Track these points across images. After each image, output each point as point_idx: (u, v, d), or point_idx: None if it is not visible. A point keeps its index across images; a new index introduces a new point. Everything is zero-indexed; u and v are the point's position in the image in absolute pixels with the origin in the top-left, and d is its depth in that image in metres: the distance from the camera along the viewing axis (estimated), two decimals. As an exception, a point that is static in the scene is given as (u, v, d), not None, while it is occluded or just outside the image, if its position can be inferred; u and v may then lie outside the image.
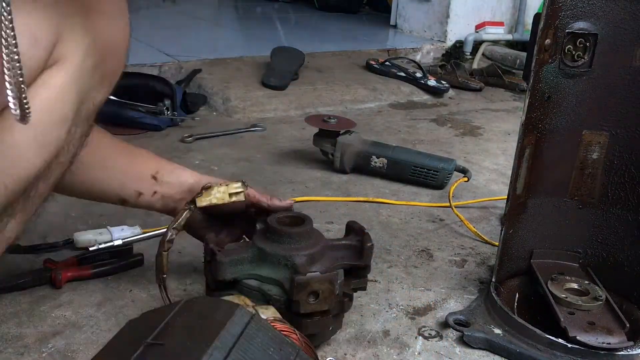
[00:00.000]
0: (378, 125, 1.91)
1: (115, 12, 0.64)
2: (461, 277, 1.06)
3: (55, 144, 0.60)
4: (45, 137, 0.58)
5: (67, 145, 0.63)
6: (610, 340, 0.83)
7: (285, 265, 0.78)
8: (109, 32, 0.63)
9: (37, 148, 0.58)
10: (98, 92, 0.64)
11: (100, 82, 0.64)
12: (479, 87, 2.42)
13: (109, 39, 0.63)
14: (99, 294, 0.93)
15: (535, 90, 0.90)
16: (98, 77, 0.63)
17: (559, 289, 0.92)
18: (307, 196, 1.33)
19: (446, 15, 2.86)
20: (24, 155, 0.57)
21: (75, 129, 0.63)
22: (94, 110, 0.66)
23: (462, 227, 1.23)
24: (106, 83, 0.65)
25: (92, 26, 0.60)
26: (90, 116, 0.66)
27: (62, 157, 0.64)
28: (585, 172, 0.97)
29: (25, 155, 0.58)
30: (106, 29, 0.62)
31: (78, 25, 0.58)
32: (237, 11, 3.64)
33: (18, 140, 0.56)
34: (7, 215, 0.60)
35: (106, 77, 0.65)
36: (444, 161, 1.44)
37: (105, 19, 0.62)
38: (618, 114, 0.93)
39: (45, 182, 0.63)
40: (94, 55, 0.61)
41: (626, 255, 0.96)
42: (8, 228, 0.61)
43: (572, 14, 0.89)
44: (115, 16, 0.64)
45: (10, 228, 0.62)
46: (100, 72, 0.63)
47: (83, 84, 0.61)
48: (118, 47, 0.65)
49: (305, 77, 2.20)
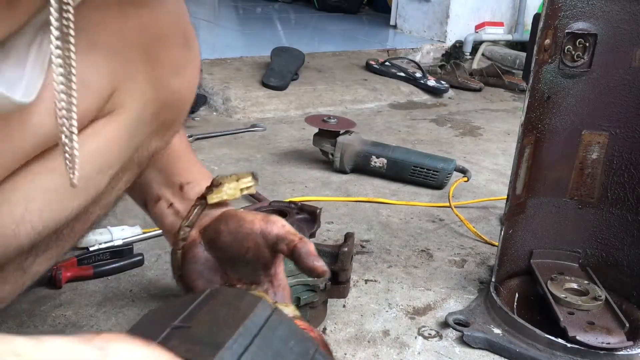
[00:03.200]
0: (378, 125, 1.91)
1: (183, 64, 0.60)
2: (461, 277, 1.06)
3: (94, 190, 0.57)
4: (85, 183, 0.54)
5: (110, 190, 0.60)
6: (609, 340, 0.83)
7: None
8: (173, 83, 0.59)
9: (72, 193, 0.54)
10: (155, 140, 0.62)
11: (158, 131, 0.61)
12: (479, 87, 2.42)
13: (173, 89, 0.59)
14: (99, 294, 0.93)
15: (535, 90, 0.90)
16: (156, 125, 0.60)
17: (559, 289, 0.92)
18: (307, 196, 1.33)
19: (446, 15, 2.86)
20: (57, 199, 0.55)
21: (122, 174, 0.60)
22: (147, 157, 0.63)
23: (462, 227, 1.23)
24: (164, 131, 0.62)
25: (155, 76, 0.57)
26: (143, 162, 0.63)
27: (104, 200, 0.61)
28: (584, 172, 0.97)
29: (59, 200, 0.55)
30: (171, 81, 0.58)
31: (141, 74, 0.55)
32: (237, 11, 3.64)
33: (55, 184, 0.54)
34: (37, 252, 0.58)
35: (165, 126, 0.61)
36: (444, 161, 1.44)
37: (172, 69, 0.58)
38: (618, 114, 0.93)
39: (82, 223, 0.60)
40: (155, 105, 0.58)
41: (626, 255, 0.96)
42: (37, 263, 0.59)
43: (571, 14, 0.89)
44: (184, 66, 0.60)
45: (39, 263, 0.59)
46: (159, 121, 0.60)
47: (138, 134, 0.58)
48: (181, 99, 0.61)
49: (305, 77, 2.20)
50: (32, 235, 0.55)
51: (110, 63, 0.52)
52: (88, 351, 0.36)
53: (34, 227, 0.54)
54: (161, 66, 0.57)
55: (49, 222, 0.55)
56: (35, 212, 0.54)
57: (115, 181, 0.60)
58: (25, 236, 0.54)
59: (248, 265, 0.68)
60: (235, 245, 0.67)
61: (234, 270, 0.69)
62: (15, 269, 0.57)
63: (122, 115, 0.55)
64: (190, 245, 0.70)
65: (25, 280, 0.60)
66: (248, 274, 0.69)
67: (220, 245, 0.68)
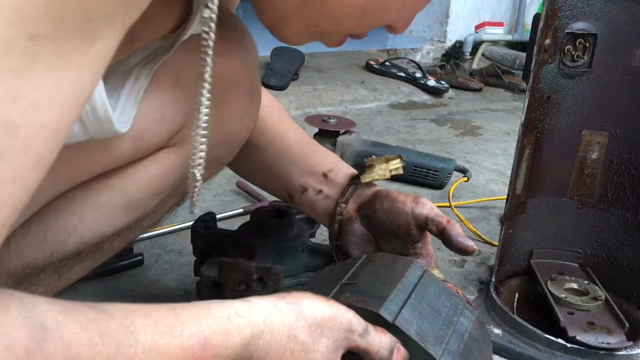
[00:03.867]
0: (378, 125, 1.91)
1: (243, 111, 0.65)
2: (461, 277, 1.06)
3: (143, 211, 0.62)
4: (134, 205, 0.60)
5: (154, 213, 0.65)
6: (609, 340, 0.83)
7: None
8: (232, 125, 0.65)
9: (123, 212, 0.60)
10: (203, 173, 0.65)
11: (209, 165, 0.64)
12: (479, 87, 2.42)
13: (229, 132, 0.65)
14: (99, 294, 0.93)
15: (535, 91, 0.90)
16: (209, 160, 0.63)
17: (559, 289, 0.92)
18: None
19: (446, 15, 2.86)
20: (109, 215, 0.59)
21: (168, 200, 0.65)
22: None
23: (462, 227, 1.23)
24: (213, 167, 0.67)
25: (219, 119, 0.61)
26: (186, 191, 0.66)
27: (145, 223, 0.65)
28: (584, 172, 0.97)
29: (110, 216, 0.59)
30: (231, 124, 0.64)
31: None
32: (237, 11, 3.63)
33: (110, 201, 0.58)
34: (75, 260, 0.61)
35: (215, 162, 0.66)
36: (444, 161, 1.44)
37: (234, 115, 0.64)
38: (618, 114, 0.93)
39: (121, 240, 0.65)
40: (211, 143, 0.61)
41: (626, 255, 0.96)
42: (72, 271, 0.63)
43: (571, 15, 0.89)
44: (244, 116, 0.66)
45: (74, 271, 0.63)
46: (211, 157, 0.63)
47: None
48: (235, 141, 0.67)
49: (305, 77, 2.20)
50: (79, 245, 0.59)
51: (186, 101, 0.56)
52: (286, 307, 0.49)
53: (83, 238, 0.58)
54: (226, 111, 0.63)
55: (97, 235, 0.59)
56: (87, 224, 0.58)
57: (160, 206, 0.65)
58: (72, 244, 0.58)
59: (398, 239, 0.77)
60: (388, 222, 0.76)
61: (385, 243, 0.78)
62: (52, 273, 0.60)
63: (184, 148, 0.59)
64: (347, 220, 0.78)
65: (59, 285, 0.63)
66: (398, 246, 0.77)
67: (374, 221, 0.77)
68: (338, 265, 0.73)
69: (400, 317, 0.56)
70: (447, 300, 0.63)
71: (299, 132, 0.86)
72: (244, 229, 0.86)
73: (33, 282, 0.59)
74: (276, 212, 0.88)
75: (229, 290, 0.78)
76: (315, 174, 0.81)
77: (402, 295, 0.59)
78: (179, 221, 1.15)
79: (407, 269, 0.63)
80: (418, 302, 0.59)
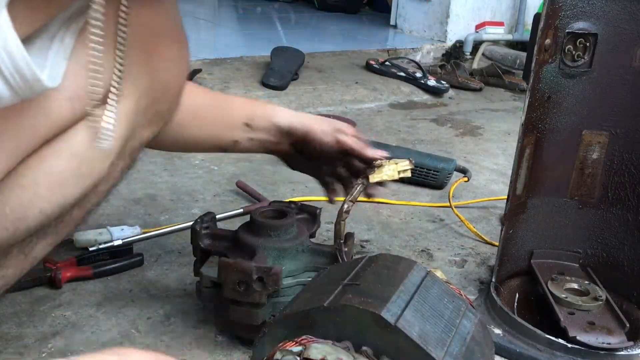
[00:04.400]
0: (378, 125, 1.91)
1: (174, 57, 0.65)
2: (461, 277, 1.06)
3: (97, 175, 0.61)
4: (87, 169, 0.59)
5: (107, 177, 0.64)
6: (610, 340, 0.83)
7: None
8: (166, 76, 0.64)
9: (78, 177, 0.59)
10: (146, 130, 0.66)
11: (150, 122, 0.65)
12: (479, 87, 2.42)
13: (165, 82, 0.64)
14: (99, 294, 0.93)
15: (535, 90, 0.90)
16: (149, 116, 0.64)
17: (559, 289, 0.92)
18: (307, 196, 1.33)
19: (446, 15, 2.86)
20: (64, 183, 0.58)
21: (118, 162, 0.64)
22: (139, 147, 0.67)
23: (462, 227, 1.23)
24: (155, 123, 0.67)
25: (151, 69, 0.61)
26: (135, 152, 0.67)
27: (101, 187, 0.65)
28: (585, 172, 0.97)
29: (66, 184, 0.58)
30: (164, 74, 0.64)
31: (137, 66, 0.59)
32: (237, 11, 3.64)
33: (61, 168, 0.57)
34: (37, 237, 0.61)
35: (156, 117, 0.66)
36: (444, 161, 1.44)
37: (166, 63, 0.63)
38: (618, 114, 0.93)
39: (80, 209, 0.64)
40: (148, 97, 0.62)
41: (626, 255, 0.96)
42: (36, 249, 0.62)
43: (572, 14, 0.89)
44: (174, 61, 0.65)
45: (39, 249, 0.63)
46: (151, 112, 0.64)
47: (133, 122, 0.62)
48: (173, 90, 0.67)
49: (305, 77, 2.20)
50: (40, 219, 0.58)
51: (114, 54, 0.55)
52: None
53: (42, 211, 0.58)
54: (157, 61, 0.62)
55: (56, 206, 0.58)
56: (43, 196, 0.57)
57: (113, 168, 0.63)
58: (32, 219, 0.57)
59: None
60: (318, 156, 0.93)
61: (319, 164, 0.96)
62: (18, 253, 0.60)
63: (121, 104, 0.58)
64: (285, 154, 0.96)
65: (26, 265, 0.63)
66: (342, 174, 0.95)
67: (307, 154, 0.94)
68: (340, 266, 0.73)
69: (402, 319, 0.56)
70: (449, 302, 0.63)
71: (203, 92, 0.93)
72: (244, 229, 0.86)
73: (2, 264, 0.59)
74: (276, 212, 0.88)
75: (229, 290, 0.78)
76: (239, 127, 0.90)
77: (404, 297, 0.59)
78: (179, 221, 1.15)
79: (410, 271, 0.64)
80: (420, 304, 0.59)
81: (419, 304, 0.59)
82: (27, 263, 0.63)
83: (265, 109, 0.93)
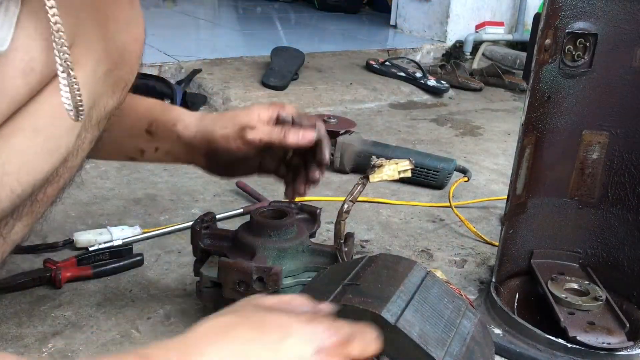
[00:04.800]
0: (378, 125, 1.91)
1: (130, 20, 0.63)
2: (461, 277, 1.06)
3: (64, 149, 0.60)
4: (54, 143, 0.58)
5: (75, 150, 0.63)
6: (610, 340, 0.83)
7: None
8: (122, 39, 0.62)
9: (45, 153, 0.58)
10: (110, 98, 0.64)
11: (112, 89, 0.64)
12: (479, 87, 2.42)
13: (122, 47, 0.62)
14: (99, 294, 0.93)
15: (535, 90, 0.90)
16: (110, 83, 0.63)
17: (559, 289, 0.92)
18: (307, 196, 1.33)
19: (446, 15, 2.86)
20: (32, 160, 0.57)
21: (85, 134, 0.63)
22: (105, 116, 0.65)
23: (462, 227, 1.23)
24: (118, 90, 0.65)
25: (105, 33, 0.59)
26: (101, 122, 0.65)
27: (71, 162, 0.63)
28: (585, 172, 0.97)
29: (33, 161, 0.57)
30: (120, 36, 0.61)
31: (92, 31, 0.58)
32: (237, 11, 3.64)
33: (27, 145, 0.56)
34: (14, 218, 0.60)
35: (118, 84, 0.64)
36: (444, 161, 1.44)
37: (120, 26, 0.61)
38: (618, 114, 0.93)
39: (53, 186, 0.63)
40: (107, 62, 0.60)
41: (626, 255, 0.96)
42: (14, 231, 0.61)
43: (572, 14, 0.89)
44: (130, 23, 0.63)
45: (17, 231, 0.62)
46: (112, 79, 0.62)
47: (95, 91, 0.60)
48: (131, 54, 0.64)
49: (305, 77, 2.20)
50: (12, 199, 0.57)
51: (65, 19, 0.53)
52: None
53: (13, 190, 0.56)
54: (111, 23, 0.60)
55: (27, 184, 0.57)
56: (12, 175, 0.56)
57: (80, 141, 0.62)
58: (5, 200, 0.56)
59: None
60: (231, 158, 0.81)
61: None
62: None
63: (79, 71, 0.56)
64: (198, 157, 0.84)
65: (6, 249, 0.62)
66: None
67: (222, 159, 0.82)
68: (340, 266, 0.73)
69: (402, 319, 0.56)
70: (449, 302, 0.63)
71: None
72: (244, 229, 0.86)
73: None
74: (276, 212, 0.88)
75: (229, 290, 0.78)
76: (140, 135, 0.81)
77: (404, 297, 0.59)
78: (179, 221, 1.15)
79: (410, 271, 0.64)
80: (420, 304, 0.59)
81: (419, 304, 0.59)
82: (7, 246, 0.62)
83: (168, 115, 0.82)
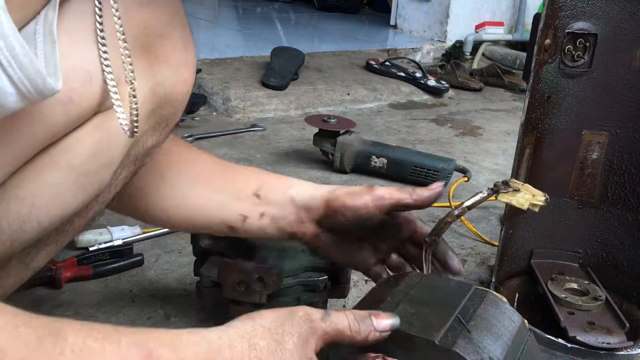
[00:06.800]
0: (378, 125, 1.91)
1: (180, 64, 0.61)
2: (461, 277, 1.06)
3: (98, 186, 0.58)
4: (88, 180, 0.56)
5: (109, 187, 0.61)
6: (610, 340, 0.83)
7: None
8: (170, 82, 0.61)
9: (77, 189, 0.56)
10: (150, 136, 0.63)
11: (154, 127, 0.63)
12: (479, 87, 2.42)
13: (169, 89, 0.61)
14: (99, 294, 0.93)
15: (535, 90, 0.90)
16: (153, 122, 0.62)
17: (559, 289, 0.92)
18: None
19: (446, 15, 2.86)
20: (63, 194, 0.55)
21: (120, 170, 0.61)
22: (143, 154, 0.64)
23: (462, 227, 1.23)
24: (159, 128, 0.64)
25: (154, 74, 0.58)
26: (139, 159, 0.64)
27: (103, 197, 0.62)
28: (585, 172, 0.97)
29: (65, 195, 0.56)
30: (168, 79, 0.60)
31: (140, 71, 0.56)
32: (237, 11, 3.64)
33: (60, 180, 0.54)
34: (37, 247, 0.59)
35: (160, 123, 0.63)
36: (444, 161, 1.44)
37: (169, 69, 0.60)
38: (618, 114, 0.93)
39: (82, 219, 0.62)
40: (152, 102, 0.59)
41: (626, 255, 0.96)
42: (37, 259, 0.60)
43: (572, 14, 0.89)
44: (180, 68, 0.62)
45: (39, 259, 0.61)
46: (155, 119, 0.61)
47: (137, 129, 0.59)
48: (177, 97, 0.63)
49: (305, 77, 2.20)
50: (38, 231, 0.56)
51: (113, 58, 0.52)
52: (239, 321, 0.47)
53: (40, 224, 0.55)
54: (159, 65, 0.58)
55: (55, 218, 0.56)
56: (41, 209, 0.54)
57: (115, 177, 0.61)
58: (31, 232, 0.55)
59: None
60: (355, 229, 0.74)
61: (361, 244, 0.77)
62: (18, 264, 0.58)
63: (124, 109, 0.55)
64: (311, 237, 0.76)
65: (27, 274, 0.61)
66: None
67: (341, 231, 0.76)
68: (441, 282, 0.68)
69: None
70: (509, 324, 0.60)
71: (206, 155, 0.80)
72: None
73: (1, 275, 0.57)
74: None
75: (229, 290, 0.78)
76: (247, 198, 0.75)
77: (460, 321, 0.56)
78: (179, 221, 1.15)
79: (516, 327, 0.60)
80: None
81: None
82: (29, 272, 0.61)
83: (279, 180, 0.78)
